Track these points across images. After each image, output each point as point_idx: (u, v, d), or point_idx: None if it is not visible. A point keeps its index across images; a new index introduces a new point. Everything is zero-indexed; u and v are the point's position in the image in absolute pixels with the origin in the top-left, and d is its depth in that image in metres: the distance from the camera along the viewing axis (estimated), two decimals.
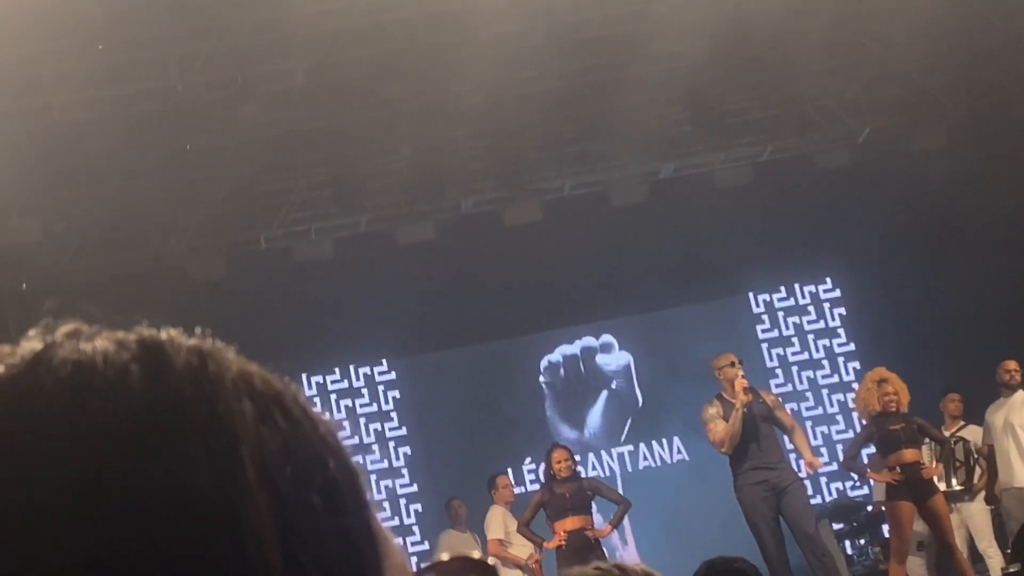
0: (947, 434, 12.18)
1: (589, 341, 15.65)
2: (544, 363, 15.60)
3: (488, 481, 12.67)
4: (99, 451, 0.61)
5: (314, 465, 0.66)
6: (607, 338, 15.65)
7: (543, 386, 15.55)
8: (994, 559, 11.38)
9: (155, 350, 0.66)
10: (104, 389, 0.63)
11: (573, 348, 15.65)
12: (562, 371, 15.63)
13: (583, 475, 12.19)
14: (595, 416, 15.57)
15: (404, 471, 15.07)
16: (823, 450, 14.43)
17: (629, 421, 15.47)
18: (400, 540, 0.74)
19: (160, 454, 0.61)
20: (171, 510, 0.60)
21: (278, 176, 13.85)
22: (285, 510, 0.63)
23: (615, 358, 15.69)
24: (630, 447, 15.38)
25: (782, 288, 15.92)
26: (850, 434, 14.35)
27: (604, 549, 11.73)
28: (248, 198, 13.74)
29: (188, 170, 12.95)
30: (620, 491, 12.98)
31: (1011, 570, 9.84)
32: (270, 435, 0.65)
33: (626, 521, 14.31)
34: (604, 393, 15.62)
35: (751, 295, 15.89)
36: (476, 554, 0.74)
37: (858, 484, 13.91)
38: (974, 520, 11.96)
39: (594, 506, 11.77)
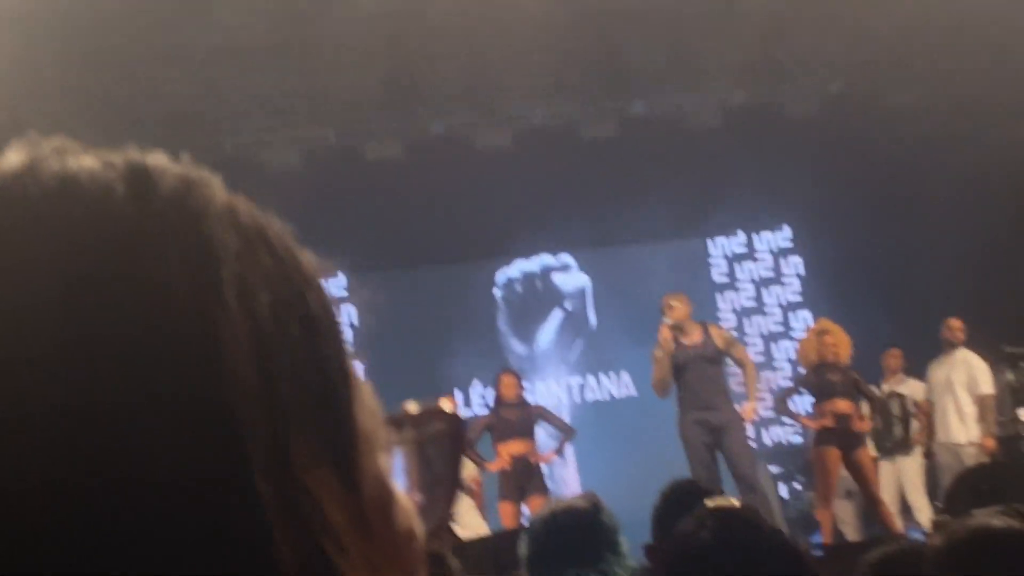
0: (886, 388, 12.40)
1: (548, 260, 15.74)
2: (502, 278, 15.67)
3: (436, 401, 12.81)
4: (82, 261, 0.62)
5: (293, 298, 0.67)
6: (566, 258, 15.75)
7: (498, 300, 15.63)
8: (923, 511, 11.63)
9: (142, 172, 0.67)
10: (90, 204, 0.64)
11: (531, 265, 15.75)
12: (518, 287, 15.71)
13: (530, 401, 12.33)
14: (547, 334, 15.68)
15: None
16: (767, 396, 14.60)
17: (580, 342, 15.59)
18: None
19: (142, 270, 0.63)
20: (150, 326, 0.61)
21: (249, 83, 13.80)
22: (262, 337, 0.64)
23: (572, 279, 15.79)
24: (579, 379, 15.52)
25: (740, 233, 16.05)
26: (783, 376, 14.61)
27: (545, 475, 11.88)
28: (217, 102, 13.71)
29: (159, 67, 12.89)
30: (569, 418, 13.14)
31: (940, 520, 10.08)
32: (252, 265, 0.66)
33: (571, 453, 14.52)
34: (558, 312, 15.73)
35: (709, 238, 16.01)
36: (447, 406, 0.77)
37: (797, 430, 14.10)
38: (907, 473, 12.22)
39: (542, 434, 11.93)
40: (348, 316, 15.46)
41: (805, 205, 14.69)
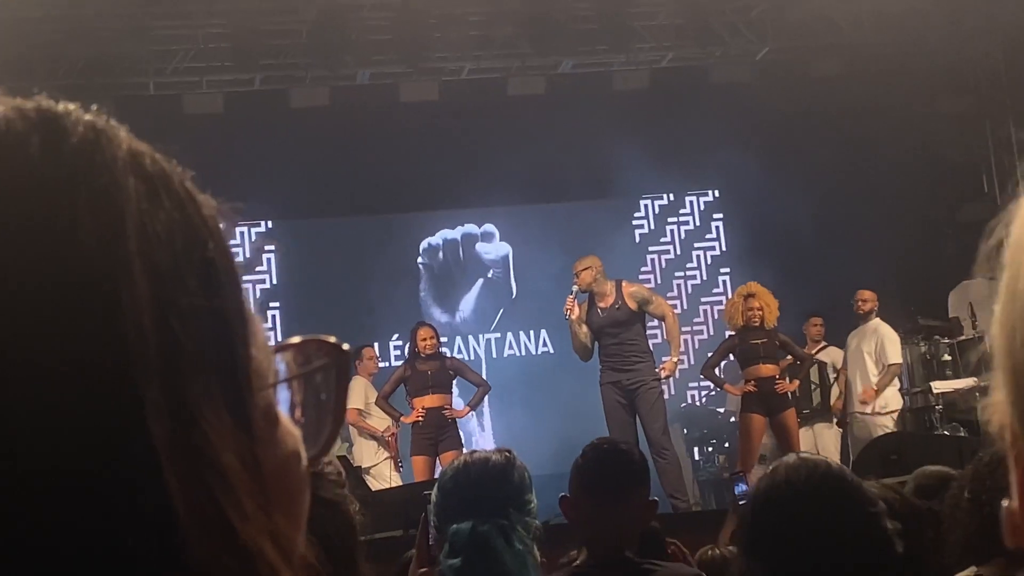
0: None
1: (471, 228, 15.70)
2: (424, 244, 15.62)
3: (353, 351, 12.75)
4: None
5: (194, 244, 0.70)
6: (489, 227, 15.71)
7: (420, 267, 15.59)
8: None
9: (54, 122, 0.69)
10: (2, 151, 0.67)
11: (454, 233, 15.70)
12: (441, 254, 15.67)
13: (447, 355, 12.33)
14: (468, 302, 15.67)
15: (274, 335, 15.07)
16: (686, 358, 14.70)
17: (501, 311, 15.62)
18: None
19: (49, 218, 0.65)
20: (52, 271, 0.64)
21: (173, 22, 13.61)
22: (163, 283, 0.67)
23: (495, 248, 15.77)
24: (497, 334, 15.55)
25: (666, 196, 16.12)
26: (715, 344, 14.69)
27: (459, 429, 11.92)
28: (141, 41, 13.51)
29: (83, 8, 12.68)
30: (487, 375, 13.17)
31: None
32: (154, 212, 0.69)
33: (487, 407, 14.56)
34: (480, 281, 15.71)
35: (636, 198, 16.06)
36: (332, 338, 0.80)
37: (712, 392, 14.23)
38: (822, 440, 12.40)
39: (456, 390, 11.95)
40: (269, 263, 15.41)
41: (731, 170, 14.76)
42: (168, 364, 0.66)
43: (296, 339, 0.80)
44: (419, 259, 15.59)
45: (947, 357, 12.22)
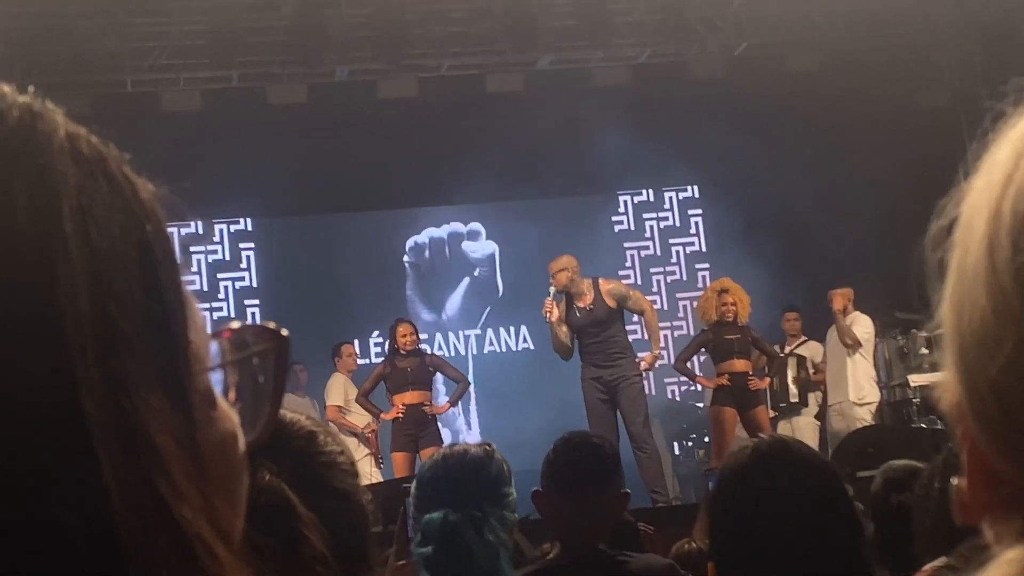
0: (788, 350, 12.62)
1: (457, 227, 15.70)
2: (410, 243, 15.61)
3: (333, 348, 12.77)
4: None
5: (131, 226, 0.71)
6: (475, 225, 15.71)
7: (406, 265, 15.58)
8: None
9: None
10: None
11: (440, 232, 15.69)
12: (427, 252, 15.66)
13: (427, 351, 12.35)
14: (455, 301, 15.67)
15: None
16: (665, 353, 14.73)
17: (488, 309, 15.62)
18: None
19: None
20: None
21: (151, 20, 13.59)
22: (99, 263, 0.68)
23: (481, 246, 15.77)
24: (478, 331, 15.55)
25: (646, 191, 16.15)
26: (685, 335, 14.76)
27: (440, 426, 11.93)
28: (119, 39, 13.48)
29: (61, 4, 12.65)
30: (470, 373, 13.19)
31: None
32: (90, 194, 0.69)
33: (472, 404, 14.59)
34: (466, 279, 15.71)
35: (614, 194, 16.09)
36: (272, 324, 0.81)
37: (692, 387, 14.27)
38: (801, 433, 12.44)
39: (442, 388, 11.97)
40: (248, 261, 15.38)
41: (710, 165, 14.79)
42: (103, 344, 0.66)
43: (235, 324, 0.81)
44: (405, 257, 15.57)
45: (924, 350, 12.27)
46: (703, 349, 11.75)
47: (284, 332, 0.82)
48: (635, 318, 12.15)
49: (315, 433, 1.88)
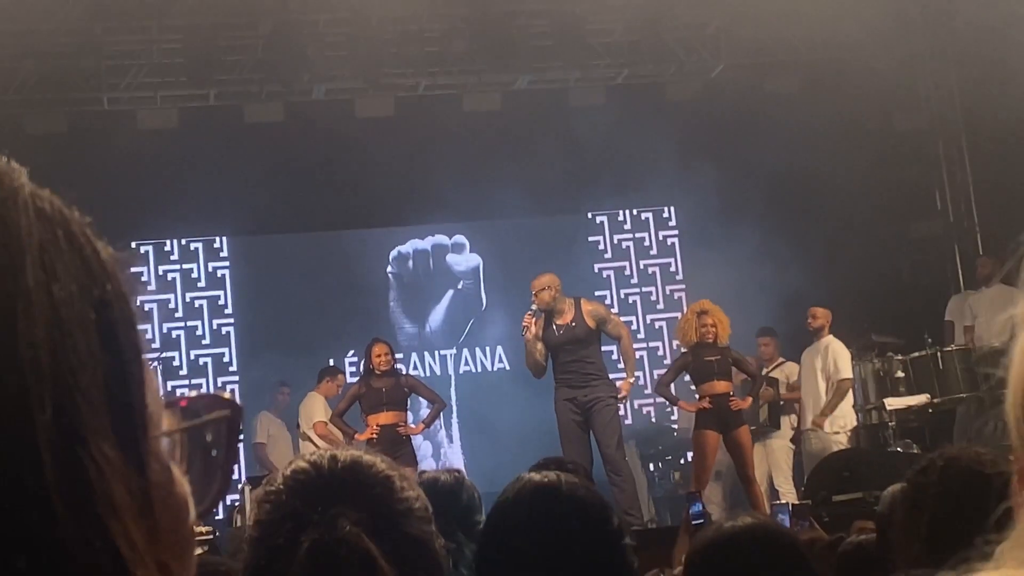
0: (764, 373, 12.62)
1: (441, 239, 15.67)
2: (394, 253, 15.56)
3: (325, 370, 12.84)
4: None
5: (91, 284, 0.72)
6: (459, 238, 15.69)
7: (390, 277, 15.53)
8: (787, 495, 11.83)
9: None
10: None
11: (424, 244, 15.65)
12: (411, 263, 15.60)
13: (402, 372, 12.30)
14: (438, 314, 15.62)
15: (228, 351, 15.00)
16: (640, 374, 14.72)
17: (471, 322, 15.58)
18: None
19: None
20: None
21: (129, 37, 13.55)
22: (59, 318, 0.69)
23: (465, 259, 15.73)
24: (453, 351, 15.51)
25: (621, 212, 16.15)
26: (666, 362, 14.70)
27: (423, 440, 11.90)
28: (95, 56, 13.44)
29: (37, 22, 12.59)
30: (452, 391, 13.13)
31: (798, 503, 10.27)
32: (53, 252, 0.71)
33: (455, 425, 14.54)
34: (450, 292, 15.66)
35: (590, 214, 16.08)
36: (227, 394, 0.83)
37: (667, 409, 14.25)
38: (774, 456, 12.45)
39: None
40: (223, 280, 15.31)
41: (686, 186, 14.80)
42: (62, 396, 0.68)
43: (190, 394, 0.83)
44: (388, 268, 15.52)
45: (900, 374, 12.27)
46: (684, 371, 11.73)
47: (238, 402, 0.83)
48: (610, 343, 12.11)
49: (392, 478, 1.83)
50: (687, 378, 11.90)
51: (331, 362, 13.62)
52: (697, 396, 11.41)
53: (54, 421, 0.67)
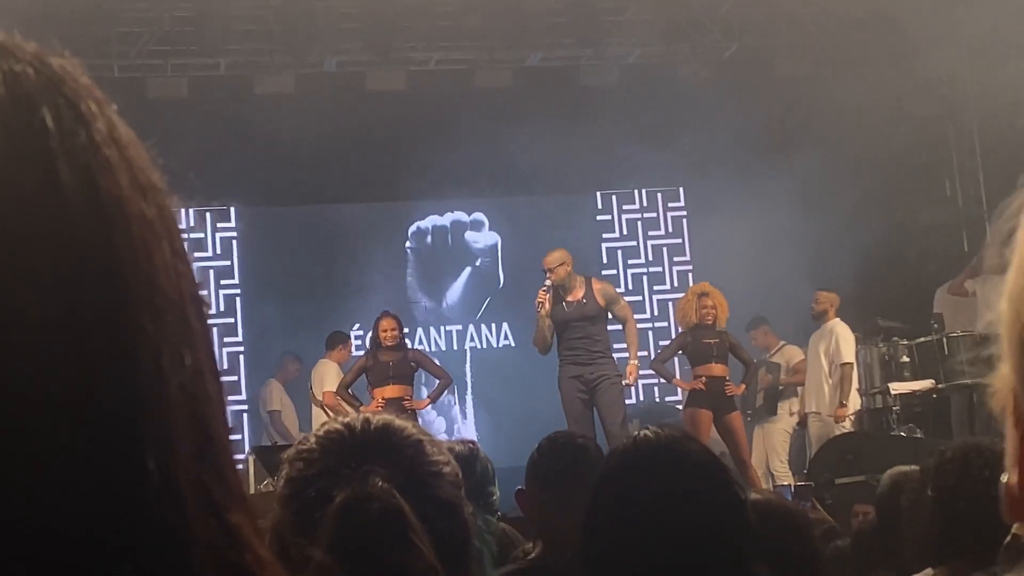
0: (766, 359, 12.65)
1: (460, 216, 15.66)
2: (412, 228, 15.55)
3: (334, 335, 12.82)
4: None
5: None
6: (479, 216, 15.67)
7: (408, 251, 15.52)
8: (784, 478, 11.87)
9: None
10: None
11: (443, 220, 15.64)
12: (429, 238, 15.59)
13: (409, 346, 12.31)
14: (455, 290, 15.60)
15: (236, 322, 14.98)
16: (643, 354, 14.70)
17: (488, 300, 15.56)
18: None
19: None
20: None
21: (139, 5, 13.52)
22: (178, 261, 0.71)
23: (484, 236, 15.72)
24: (459, 327, 15.50)
25: (632, 192, 16.12)
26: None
27: (436, 415, 11.93)
28: (106, 24, 13.41)
29: None
30: (467, 366, 13.13)
31: (800, 483, 10.30)
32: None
33: (469, 401, 14.56)
34: (468, 269, 15.65)
35: (599, 194, 16.05)
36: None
37: (671, 390, 14.26)
38: (771, 440, 12.50)
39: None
40: (231, 249, 15.28)
41: (696, 167, 14.77)
42: (183, 332, 0.68)
43: None
44: (407, 243, 15.51)
45: (905, 359, 12.26)
46: (681, 352, 11.77)
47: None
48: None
49: (422, 442, 1.85)
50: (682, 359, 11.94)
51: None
52: (693, 377, 11.46)
53: (186, 360, 0.67)
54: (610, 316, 11.38)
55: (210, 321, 0.74)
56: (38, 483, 0.61)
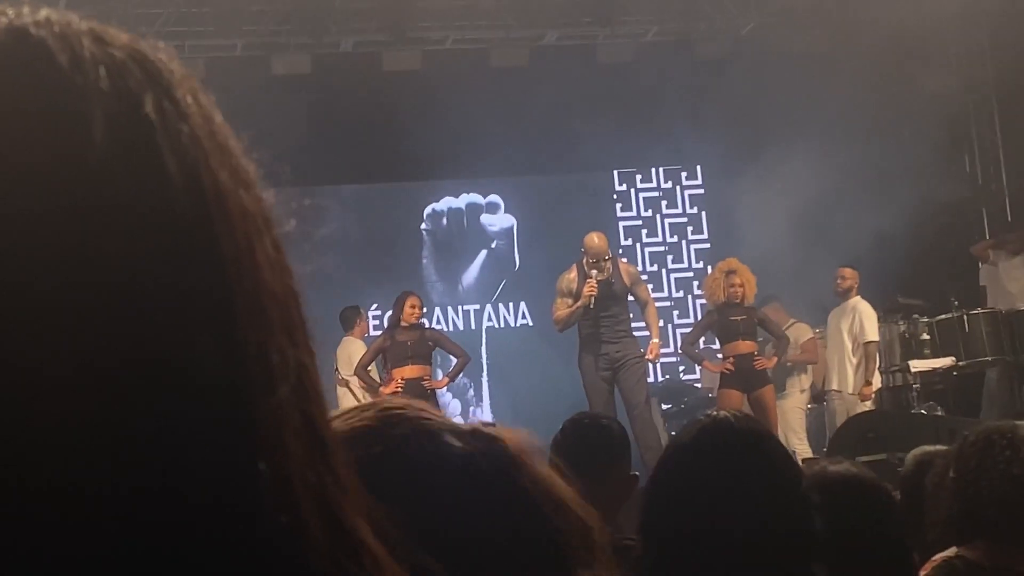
0: None
1: (475, 198, 15.64)
2: (428, 210, 15.53)
3: (350, 310, 12.73)
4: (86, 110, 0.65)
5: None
6: (494, 198, 15.65)
7: (423, 233, 15.50)
8: (803, 454, 11.86)
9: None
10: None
11: (458, 202, 15.62)
12: (444, 220, 15.58)
13: (426, 325, 12.29)
14: (471, 273, 15.59)
15: None
16: (663, 335, 14.69)
17: (503, 283, 15.55)
18: None
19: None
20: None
21: None
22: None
23: (499, 219, 15.69)
24: (476, 306, 15.49)
25: (649, 171, 16.09)
26: (689, 321, 14.67)
27: (450, 397, 11.91)
28: (122, 5, 13.40)
29: None
30: (483, 347, 13.11)
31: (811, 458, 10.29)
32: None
33: (484, 382, 14.55)
34: (483, 252, 15.63)
35: (614, 173, 16.02)
36: None
37: (690, 368, 14.26)
38: (785, 417, 12.47)
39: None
40: None
41: (714, 145, 14.72)
42: (290, 330, 0.69)
43: None
44: (422, 225, 15.49)
45: (926, 336, 12.23)
46: (710, 331, 11.75)
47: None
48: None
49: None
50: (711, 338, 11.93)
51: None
52: (721, 355, 11.44)
53: (291, 358, 0.67)
54: (630, 297, 11.38)
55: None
56: (147, 490, 0.60)
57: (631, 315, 11.36)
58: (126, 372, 0.60)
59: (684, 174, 16.22)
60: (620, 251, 14.54)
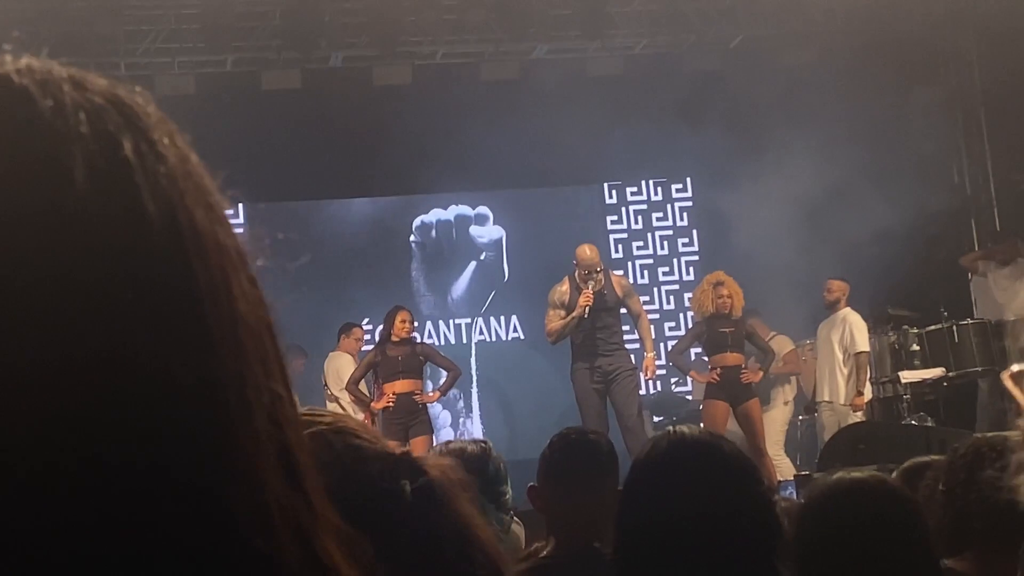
0: None
1: (464, 210, 15.65)
2: (417, 222, 15.54)
3: (344, 327, 12.77)
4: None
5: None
6: (483, 210, 15.66)
7: (412, 245, 15.51)
8: (781, 465, 11.91)
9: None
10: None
11: (447, 214, 15.64)
12: (434, 232, 15.59)
13: (417, 340, 12.30)
14: (460, 285, 15.59)
15: None
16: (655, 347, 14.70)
17: (492, 294, 15.56)
18: None
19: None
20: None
21: (146, 2, 13.53)
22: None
23: (488, 231, 15.71)
24: (467, 320, 15.50)
25: (639, 183, 16.12)
26: (680, 333, 14.69)
27: (440, 409, 11.91)
28: (113, 21, 13.42)
29: None
30: (472, 360, 13.11)
31: (803, 473, 10.33)
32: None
33: (474, 395, 14.55)
34: (472, 264, 15.64)
35: (605, 186, 16.05)
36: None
37: (681, 380, 14.27)
38: (768, 427, 12.49)
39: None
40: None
41: (703, 157, 14.75)
42: (266, 359, 0.70)
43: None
44: (411, 237, 15.50)
45: (916, 347, 12.26)
46: (697, 342, 11.79)
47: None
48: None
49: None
50: (699, 349, 11.95)
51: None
52: (709, 367, 11.47)
53: (266, 389, 0.68)
54: (623, 310, 11.41)
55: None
56: (126, 517, 0.62)
57: (623, 327, 11.38)
58: (105, 405, 0.62)
59: (674, 186, 16.26)
60: (612, 263, 14.56)
